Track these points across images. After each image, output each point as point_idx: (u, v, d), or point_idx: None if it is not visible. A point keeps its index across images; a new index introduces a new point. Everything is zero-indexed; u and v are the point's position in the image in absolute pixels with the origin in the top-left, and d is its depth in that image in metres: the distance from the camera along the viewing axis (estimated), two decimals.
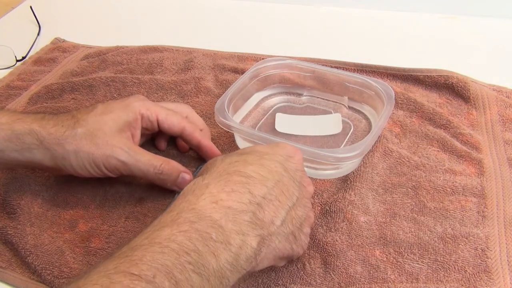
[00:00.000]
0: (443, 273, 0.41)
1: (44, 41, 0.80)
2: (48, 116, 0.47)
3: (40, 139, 0.45)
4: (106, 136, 0.45)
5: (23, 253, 0.45)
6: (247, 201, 0.34)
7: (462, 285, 0.40)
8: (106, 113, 0.47)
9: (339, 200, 0.47)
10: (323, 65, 0.62)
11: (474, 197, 0.47)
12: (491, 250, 0.42)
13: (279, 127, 0.58)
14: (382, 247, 0.44)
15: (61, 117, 0.47)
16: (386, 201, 0.48)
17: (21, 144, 0.45)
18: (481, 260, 0.42)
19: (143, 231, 0.33)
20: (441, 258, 0.42)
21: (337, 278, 0.41)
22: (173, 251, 0.30)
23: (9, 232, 0.46)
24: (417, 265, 0.42)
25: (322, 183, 0.50)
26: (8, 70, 0.74)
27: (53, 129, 0.45)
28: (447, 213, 0.46)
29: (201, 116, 0.60)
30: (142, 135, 0.51)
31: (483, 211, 0.46)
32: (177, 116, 0.51)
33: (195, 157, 0.55)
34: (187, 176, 0.48)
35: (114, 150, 0.45)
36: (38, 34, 0.83)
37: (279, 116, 0.59)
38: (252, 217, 0.34)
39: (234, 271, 0.32)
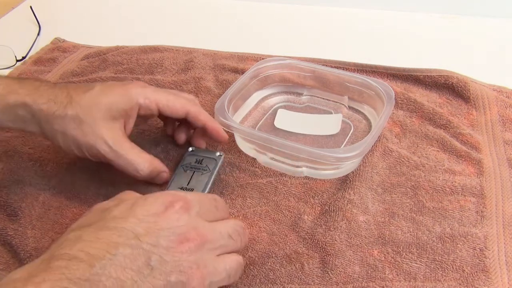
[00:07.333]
0: (441, 272, 0.41)
1: (44, 41, 0.80)
2: (44, 87, 0.46)
3: (32, 113, 0.45)
4: (95, 123, 0.45)
5: (22, 254, 0.45)
6: None
7: (460, 285, 0.40)
8: (102, 96, 0.46)
9: (339, 199, 0.47)
10: (323, 65, 0.62)
11: (473, 197, 0.47)
12: (489, 250, 0.42)
13: (278, 123, 0.58)
14: (380, 246, 0.44)
15: (57, 91, 0.46)
16: (385, 200, 0.48)
17: (14, 115, 0.46)
18: (479, 260, 0.42)
19: None
20: (439, 258, 0.42)
21: (335, 278, 0.41)
22: None
23: (9, 233, 0.46)
24: (415, 264, 0.42)
25: (322, 183, 0.51)
26: (8, 70, 0.74)
27: (44, 105, 0.45)
28: (446, 213, 0.46)
29: None
30: (141, 118, 0.50)
31: (482, 211, 0.46)
32: (180, 99, 0.50)
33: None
34: (164, 174, 0.49)
35: (97, 142, 0.45)
36: (38, 34, 0.83)
37: (280, 112, 0.59)
38: None
39: None
